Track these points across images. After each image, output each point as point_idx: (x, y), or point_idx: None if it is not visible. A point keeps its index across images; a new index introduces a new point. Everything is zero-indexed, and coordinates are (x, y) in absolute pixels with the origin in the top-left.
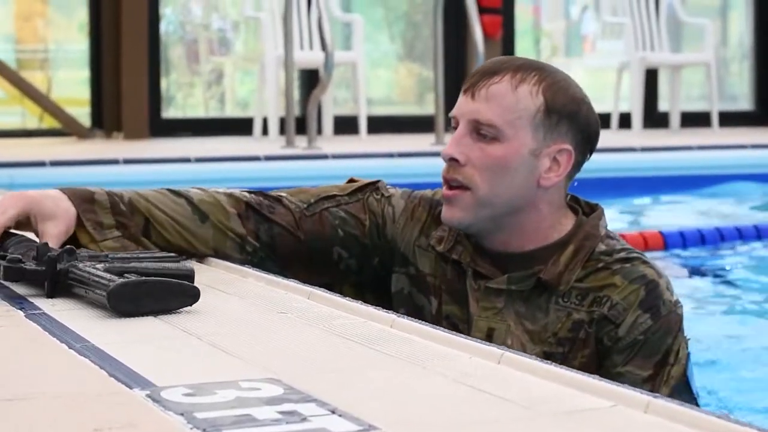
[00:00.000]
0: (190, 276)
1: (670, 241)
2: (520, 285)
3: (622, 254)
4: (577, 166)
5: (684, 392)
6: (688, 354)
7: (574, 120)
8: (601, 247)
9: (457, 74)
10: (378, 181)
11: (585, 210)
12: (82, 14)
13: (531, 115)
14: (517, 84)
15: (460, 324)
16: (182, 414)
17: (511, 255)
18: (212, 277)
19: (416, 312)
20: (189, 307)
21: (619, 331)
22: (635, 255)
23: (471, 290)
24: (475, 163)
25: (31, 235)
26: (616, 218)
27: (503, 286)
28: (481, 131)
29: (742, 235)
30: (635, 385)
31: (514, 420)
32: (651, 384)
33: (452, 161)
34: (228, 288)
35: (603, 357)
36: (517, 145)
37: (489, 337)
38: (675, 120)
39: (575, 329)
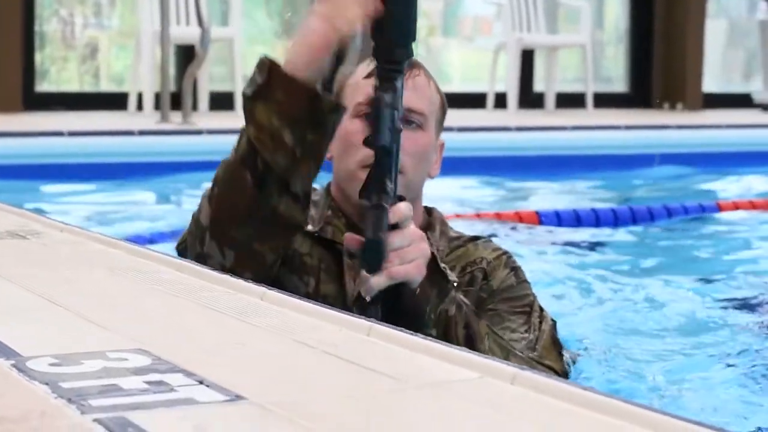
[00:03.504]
0: None
1: (546, 222)
2: None
3: (468, 236)
4: None
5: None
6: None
7: (444, 120)
8: (451, 233)
9: None
10: None
11: None
12: None
13: (437, 109)
14: (428, 80)
15: (336, 304)
16: (47, 383)
17: None
18: (80, 248)
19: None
20: (57, 277)
21: (493, 283)
22: (478, 236)
23: (347, 268)
24: (406, 149)
25: None
26: (492, 198)
27: None
28: (409, 118)
29: (617, 217)
30: (510, 317)
31: (384, 392)
32: (525, 321)
33: None
34: (97, 259)
35: (477, 307)
36: (431, 134)
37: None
38: (550, 101)
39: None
